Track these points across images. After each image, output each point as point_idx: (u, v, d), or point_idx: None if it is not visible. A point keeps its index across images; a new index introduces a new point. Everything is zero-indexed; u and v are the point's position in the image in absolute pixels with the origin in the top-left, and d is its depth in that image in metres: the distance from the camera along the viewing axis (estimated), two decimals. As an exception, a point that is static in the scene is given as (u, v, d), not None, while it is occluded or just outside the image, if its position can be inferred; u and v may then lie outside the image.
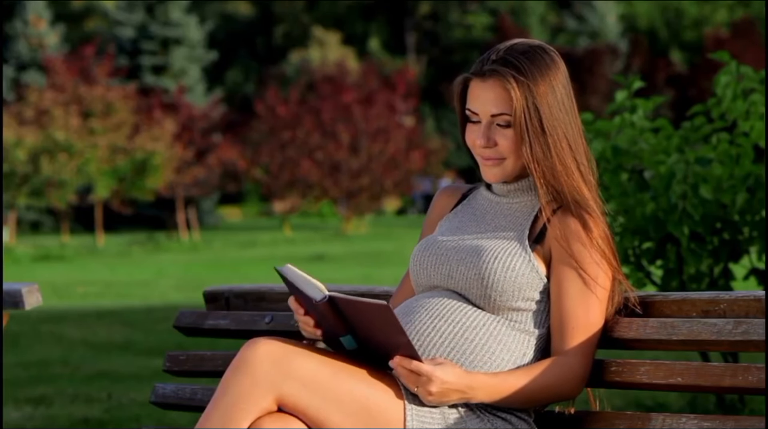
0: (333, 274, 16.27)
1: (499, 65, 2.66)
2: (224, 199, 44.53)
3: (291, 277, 2.57)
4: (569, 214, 2.66)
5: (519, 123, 2.64)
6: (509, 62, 2.66)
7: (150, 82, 40.10)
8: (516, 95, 2.63)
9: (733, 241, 4.78)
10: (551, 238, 2.67)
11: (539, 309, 2.68)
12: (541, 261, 2.68)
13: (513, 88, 2.64)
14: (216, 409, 2.51)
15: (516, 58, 2.66)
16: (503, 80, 2.65)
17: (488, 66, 2.67)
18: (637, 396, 5.67)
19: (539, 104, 2.64)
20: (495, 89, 2.67)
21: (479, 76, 2.69)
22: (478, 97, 2.70)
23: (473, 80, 2.71)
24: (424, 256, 2.78)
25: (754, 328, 2.51)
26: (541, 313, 2.68)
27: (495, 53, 2.69)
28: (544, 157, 2.65)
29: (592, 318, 2.64)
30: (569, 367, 2.62)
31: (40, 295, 3.50)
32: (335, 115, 32.30)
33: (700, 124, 4.98)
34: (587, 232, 2.64)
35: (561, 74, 2.69)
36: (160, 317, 10.92)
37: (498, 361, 2.63)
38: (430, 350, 2.64)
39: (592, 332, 2.64)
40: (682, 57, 50.65)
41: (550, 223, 2.68)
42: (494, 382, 2.58)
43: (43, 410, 6.23)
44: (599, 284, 2.64)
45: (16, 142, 27.43)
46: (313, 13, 57.02)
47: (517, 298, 2.65)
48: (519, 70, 2.65)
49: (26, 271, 19.37)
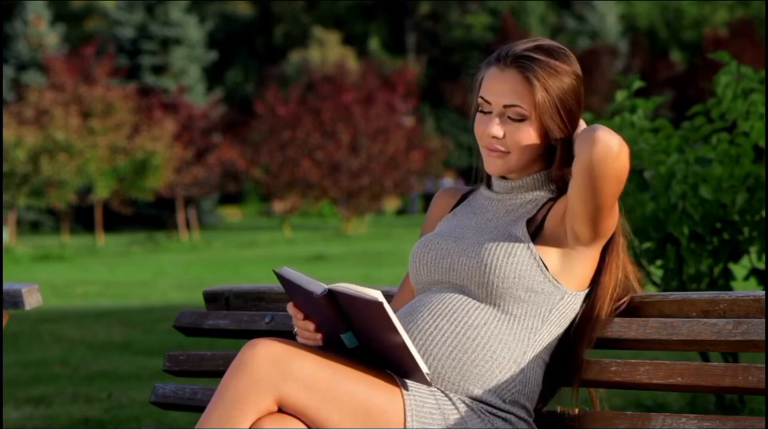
0: (333, 274, 16.26)
1: (522, 59, 2.69)
2: (224, 199, 44.54)
3: (290, 276, 2.58)
4: None
5: (540, 117, 2.67)
6: (532, 56, 2.69)
7: (150, 82, 40.11)
8: (535, 89, 2.66)
9: (733, 241, 4.78)
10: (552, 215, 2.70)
11: (540, 302, 2.68)
12: (543, 252, 2.68)
13: (534, 81, 2.66)
14: (216, 409, 2.51)
15: (539, 54, 2.69)
16: (523, 73, 2.67)
17: (511, 58, 2.69)
18: (637, 396, 5.67)
19: (556, 101, 2.68)
20: (512, 81, 2.69)
21: (500, 66, 2.71)
22: (494, 87, 2.72)
23: (492, 69, 2.73)
24: (424, 252, 2.79)
25: (754, 328, 2.52)
26: (541, 306, 2.68)
27: (519, 47, 2.72)
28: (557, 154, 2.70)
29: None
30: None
31: (40, 295, 3.49)
32: (335, 115, 32.30)
33: (700, 124, 4.99)
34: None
35: (578, 75, 2.74)
36: (159, 317, 10.92)
37: (498, 360, 2.64)
38: (433, 349, 2.64)
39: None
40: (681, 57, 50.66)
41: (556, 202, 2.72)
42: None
43: (42, 410, 6.23)
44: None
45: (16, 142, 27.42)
46: (313, 13, 57.03)
47: (517, 287, 2.66)
48: (541, 65, 2.68)
49: (26, 271, 19.37)
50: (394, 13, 57.13)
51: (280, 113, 32.49)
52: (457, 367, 2.63)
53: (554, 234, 2.70)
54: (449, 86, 43.72)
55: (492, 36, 49.88)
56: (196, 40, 42.38)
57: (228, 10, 57.67)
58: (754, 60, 35.59)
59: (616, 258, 2.73)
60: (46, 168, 27.76)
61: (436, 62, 54.07)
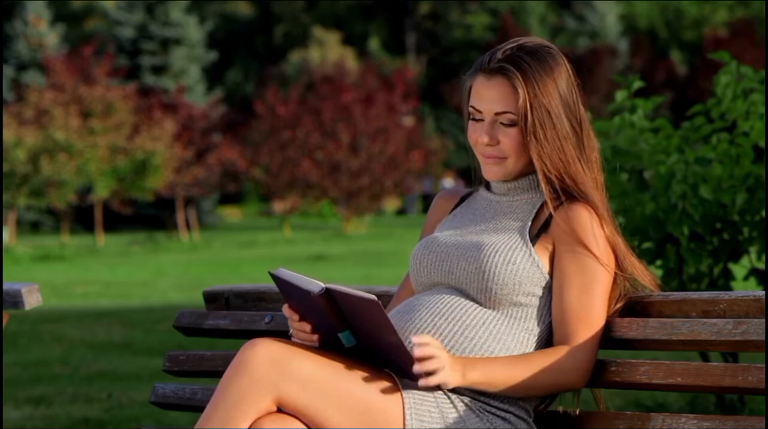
0: (333, 274, 16.26)
1: (506, 64, 2.67)
2: (224, 199, 44.51)
3: (286, 276, 2.58)
4: (573, 208, 2.67)
5: (525, 122, 2.65)
6: (515, 61, 2.67)
7: (150, 82, 40.08)
8: (523, 94, 2.64)
9: (733, 241, 4.78)
10: (554, 231, 2.67)
11: (539, 305, 2.68)
12: (543, 256, 2.68)
13: (520, 86, 2.64)
14: (215, 409, 2.51)
15: (522, 57, 2.67)
16: (509, 79, 2.66)
17: (494, 64, 2.68)
18: (637, 396, 5.67)
19: (545, 103, 2.65)
20: (500, 88, 2.67)
21: (485, 74, 2.69)
22: (482, 95, 2.70)
23: (478, 78, 2.71)
24: (424, 254, 2.78)
25: (754, 328, 2.51)
26: (541, 309, 2.68)
27: (501, 52, 2.69)
28: (550, 156, 2.66)
29: (595, 307, 2.63)
30: (572, 356, 2.61)
31: (40, 295, 3.49)
32: (335, 115, 32.29)
33: (700, 124, 4.98)
34: (591, 226, 2.65)
35: (566, 73, 2.70)
36: (159, 317, 10.91)
37: (497, 361, 2.64)
38: (430, 348, 2.64)
39: (595, 321, 2.63)
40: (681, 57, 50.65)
41: (554, 217, 2.68)
42: (492, 364, 2.58)
43: (42, 410, 6.23)
44: (602, 275, 2.64)
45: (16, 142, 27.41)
46: (313, 13, 57.01)
47: (517, 292, 2.65)
48: (525, 69, 2.65)
49: (26, 271, 19.37)
50: (394, 13, 57.12)
51: (280, 113, 32.48)
52: (455, 366, 2.62)
53: (556, 241, 2.69)
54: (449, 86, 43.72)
55: (492, 36, 49.85)
56: (196, 40, 42.36)
57: (228, 10, 57.66)
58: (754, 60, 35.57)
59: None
60: (46, 168, 27.75)
61: (436, 62, 54.06)
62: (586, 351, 2.62)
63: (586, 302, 2.62)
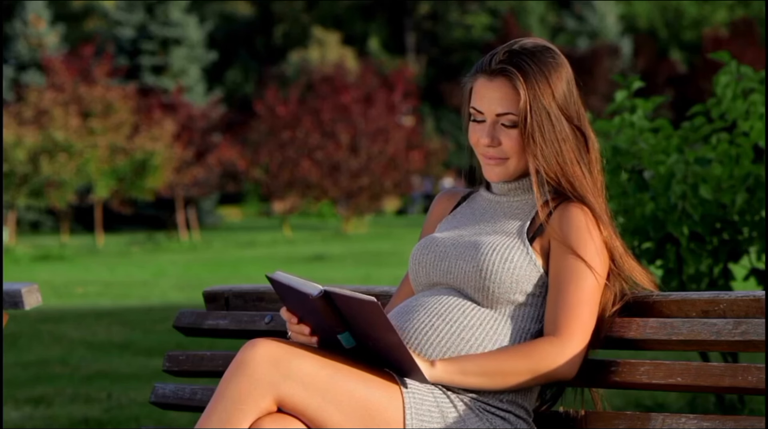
0: (333, 274, 16.27)
1: (507, 65, 2.67)
2: (224, 199, 44.51)
3: (284, 280, 2.57)
4: (569, 209, 2.67)
5: (525, 123, 2.65)
6: (517, 62, 2.67)
7: (150, 82, 40.08)
8: (523, 95, 2.64)
9: (733, 241, 4.78)
10: (551, 230, 2.67)
11: (537, 304, 2.68)
12: (540, 255, 2.68)
13: (521, 88, 2.64)
14: (215, 409, 2.51)
15: (523, 58, 2.67)
16: (511, 80, 2.66)
17: (496, 66, 2.68)
18: (637, 396, 5.67)
19: (545, 105, 2.65)
20: (501, 89, 2.68)
21: (486, 75, 2.69)
22: (483, 96, 2.70)
23: (480, 79, 2.71)
24: (423, 254, 2.79)
25: (754, 328, 2.51)
26: (538, 309, 2.68)
27: (502, 53, 2.69)
28: (548, 158, 2.66)
29: (584, 303, 2.63)
30: (556, 345, 2.60)
31: (40, 295, 3.49)
32: (335, 115, 32.29)
33: (700, 124, 4.98)
34: (587, 226, 2.65)
35: (567, 74, 2.70)
36: (159, 317, 10.91)
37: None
38: (428, 349, 2.64)
39: (583, 315, 2.62)
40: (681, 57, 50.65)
41: (551, 216, 2.68)
42: (466, 356, 2.58)
43: (42, 410, 6.23)
44: (593, 274, 2.63)
45: (16, 142, 27.41)
46: (312, 13, 57.02)
47: (515, 291, 2.66)
48: (527, 71, 2.66)
49: (26, 271, 19.37)
50: (393, 13, 57.12)
51: (280, 113, 32.48)
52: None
53: (552, 239, 2.70)
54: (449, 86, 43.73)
55: (492, 36, 49.87)
56: (196, 41, 42.36)
57: (228, 10, 57.66)
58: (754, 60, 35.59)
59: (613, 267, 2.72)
60: (45, 168, 27.76)
61: (436, 62, 54.05)
62: (572, 341, 2.61)
63: (575, 298, 2.62)
